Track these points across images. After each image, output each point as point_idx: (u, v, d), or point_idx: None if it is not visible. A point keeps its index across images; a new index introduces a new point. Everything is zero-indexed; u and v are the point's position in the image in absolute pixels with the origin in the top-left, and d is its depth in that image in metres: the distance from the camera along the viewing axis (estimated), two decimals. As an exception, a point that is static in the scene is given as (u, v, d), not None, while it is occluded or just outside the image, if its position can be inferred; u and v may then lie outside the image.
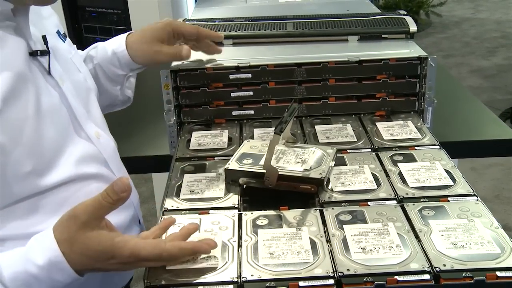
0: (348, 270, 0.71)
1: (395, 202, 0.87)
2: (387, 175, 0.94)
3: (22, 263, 0.71)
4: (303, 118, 1.18)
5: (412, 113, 1.18)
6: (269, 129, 1.14)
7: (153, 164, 1.35)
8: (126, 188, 0.71)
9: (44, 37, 0.88)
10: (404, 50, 1.19)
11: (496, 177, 3.13)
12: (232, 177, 0.94)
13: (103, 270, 0.75)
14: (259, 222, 0.84)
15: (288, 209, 0.86)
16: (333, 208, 0.86)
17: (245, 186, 0.93)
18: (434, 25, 6.14)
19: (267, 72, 1.15)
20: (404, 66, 1.15)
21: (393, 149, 1.04)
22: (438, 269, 0.71)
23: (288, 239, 0.78)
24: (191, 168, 1.00)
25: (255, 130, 1.14)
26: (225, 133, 1.13)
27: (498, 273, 0.70)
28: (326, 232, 0.80)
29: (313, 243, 0.77)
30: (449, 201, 0.86)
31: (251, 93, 1.17)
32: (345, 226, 0.81)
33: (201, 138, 1.12)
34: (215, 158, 1.04)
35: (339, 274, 0.71)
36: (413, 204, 0.86)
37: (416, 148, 1.03)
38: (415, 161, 0.98)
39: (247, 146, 1.01)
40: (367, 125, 1.14)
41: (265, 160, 0.89)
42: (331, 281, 0.70)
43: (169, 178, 0.97)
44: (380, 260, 0.73)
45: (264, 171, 0.90)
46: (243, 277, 0.72)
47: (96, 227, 0.72)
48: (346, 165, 0.98)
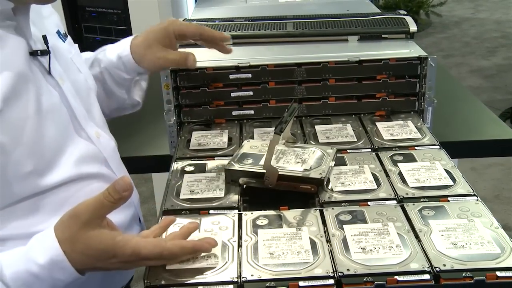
0: (348, 270, 0.71)
1: (395, 202, 0.87)
2: (387, 175, 0.94)
3: (23, 262, 0.72)
4: (303, 118, 1.18)
5: (412, 113, 1.18)
6: (269, 129, 1.14)
7: (153, 164, 1.34)
8: (127, 187, 0.71)
9: (45, 37, 0.88)
10: (404, 50, 1.19)
11: (496, 177, 3.13)
12: (232, 177, 0.94)
13: (104, 269, 0.75)
14: (259, 222, 0.84)
15: (288, 209, 0.86)
16: (333, 208, 0.86)
17: (245, 186, 0.93)
18: (434, 25, 6.14)
19: (267, 72, 1.15)
20: (404, 66, 1.16)
21: (393, 149, 1.04)
22: (438, 269, 0.71)
23: (288, 239, 0.78)
24: (191, 168, 1.00)
25: (255, 130, 1.14)
26: (225, 133, 1.13)
27: (498, 273, 0.70)
28: (326, 232, 0.80)
29: (313, 243, 0.77)
30: (449, 201, 0.86)
31: (251, 93, 1.17)
32: (345, 226, 0.81)
33: (201, 138, 1.12)
34: (215, 158, 1.04)
35: (339, 274, 0.71)
36: (413, 204, 0.86)
37: (416, 148, 1.03)
38: (415, 161, 0.98)
39: (247, 146, 1.01)
40: (367, 125, 1.14)
41: (265, 160, 0.89)
42: (331, 281, 0.70)
43: (169, 178, 0.97)
44: (380, 260, 0.73)
45: (264, 171, 0.90)
46: (243, 277, 0.72)
47: (98, 226, 0.72)
48: (346, 165, 0.98)
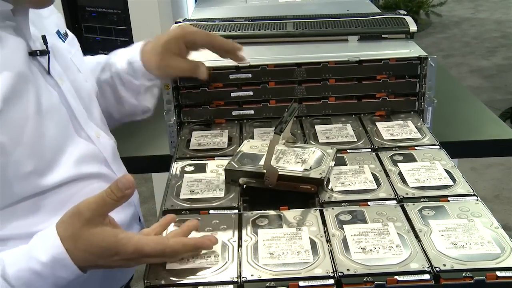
0: (348, 270, 0.71)
1: (395, 202, 0.87)
2: (387, 175, 0.94)
3: (26, 260, 0.72)
4: (303, 118, 1.18)
5: (412, 113, 1.18)
6: (269, 129, 1.14)
7: (153, 164, 1.34)
8: (130, 185, 0.72)
9: (44, 37, 0.88)
10: (404, 50, 1.19)
11: (496, 177, 3.13)
12: (232, 177, 0.94)
13: (106, 266, 0.75)
14: (259, 222, 0.84)
15: (288, 209, 0.86)
16: (333, 208, 0.86)
17: (245, 186, 0.93)
18: (434, 25, 6.14)
19: (267, 72, 1.15)
20: (404, 66, 1.15)
21: (393, 149, 1.04)
22: (438, 269, 0.71)
23: (288, 239, 0.78)
24: (191, 168, 1.00)
25: (255, 130, 1.14)
26: (225, 133, 1.13)
27: (498, 273, 0.70)
28: (326, 232, 0.80)
29: (313, 243, 0.77)
30: (449, 201, 0.86)
31: (251, 93, 1.16)
32: (345, 226, 0.81)
33: (201, 138, 1.12)
34: (215, 158, 1.04)
35: (339, 274, 0.71)
36: (413, 204, 0.86)
37: (416, 148, 1.03)
38: (415, 161, 0.98)
39: (247, 146, 1.01)
40: (367, 125, 1.14)
41: (265, 160, 0.89)
42: (331, 281, 0.70)
43: (169, 178, 0.97)
44: (380, 260, 0.73)
45: (264, 171, 0.90)
46: (243, 277, 0.72)
47: (100, 224, 0.72)
48: (346, 165, 0.98)
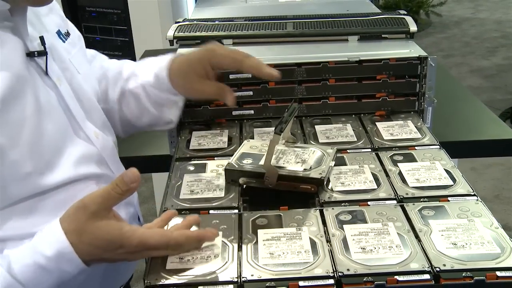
0: (348, 270, 0.71)
1: (395, 202, 0.87)
2: (387, 175, 0.94)
3: (31, 255, 0.72)
4: (303, 118, 1.18)
5: (412, 113, 1.18)
6: (269, 129, 1.14)
7: (153, 164, 1.34)
8: (136, 179, 0.73)
9: (42, 38, 0.88)
10: (404, 50, 1.19)
11: (496, 177, 3.13)
12: (232, 177, 0.94)
13: (110, 260, 0.76)
14: (259, 222, 0.84)
15: (288, 209, 0.86)
16: (333, 208, 0.86)
17: (245, 186, 0.93)
18: (434, 25, 6.14)
19: (267, 72, 1.14)
20: (404, 66, 1.15)
21: (393, 149, 1.04)
22: (438, 269, 0.71)
23: (288, 239, 0.78)
24: (191, 168, 1.00)
25: (255, 130, 1.14)
26: (225, 133, 1.13)
27: (498, 273, 0.70)
28: (326, 232, 0.80)
29: (313, 243, 0.77)
30: (449, 201, 0.86)
31: (251, 93, 1.16)
32: (345, 226, 0.81)
33: (201, 138, 1.12)
34: (215, 158, 1.04)
35: (339, 274, 0.71)
36: (413, 204, 0.86)
37: (416, 148, 1.03)
38: (415, 161, 0.98)
39: (247, 146, 1.01)
40: (367, 125, 1.14)
41: (265, 160, 0.89)
42: (331, 281, 0.70)
43: (169, 178, 0.97)
44: (380, 260, 0.73)
45: (264, 171, 0.90)
46: (243, 277, 0.72)
47: (105, 218, 0.73)
48: (346, 165, 0.98)
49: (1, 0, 0.80)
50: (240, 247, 0.78)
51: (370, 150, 1.04)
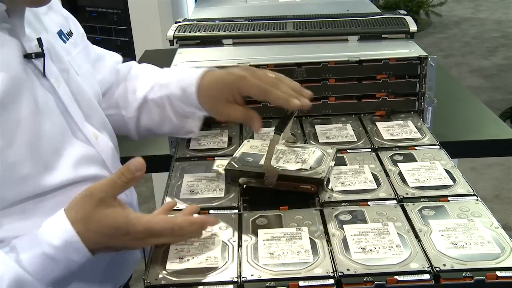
0: (348, 270, 0.71)
1: (395, 202, 0.87)
2: (387, 175, 0.94)
3: (38, 245, 0.73)
4: (303, 118, 1.18)
5: (412, 113, 1.18)
6: (269, 129, 1.13)
7: (153, 164, 1.33)
8: (141, 168, 0.75)
9: (39, 39, 0.87)
10: (404, 50, 1.19)
11: (496, 177, 3.13)
12: (232, 177, 0.94)
13: (115, 248, 0.77)
14: (259, 222, 0.84)
15: (288, 209, 0.86)
16: (333, 208, 0.86)
17: (245, 186, 0.93)
18: (434, 25, 6.14)
19: (267, 72, 1.14)
20: (404, 66, 1.16)
21: (393, 149, 1.04)
22: (438, 269, 0.71)
23: (288, 239, 0.78)
24: (191, 168, 1.00)
25: (255, 130, 1.14)
26: (225, 133, 1.13)
27: (498, 273, 0.70)
28: (326, 232, 0.80)
29: (313, 243, 0.77)
30: (449, 201, 0.86)
31: (251, 93, 1.16)
32: (345, 226, 0.81)
33: (201, 138, 1.12)
34: (215, 158, 1.04)
35: (339, 274, 0.71)
36: (413, 204, 0.86)
37: (416, 148, 1.03)
38: (415, 161, 0.98)
39: (247, 146, 1.01)
40: (367, 125, 1.14)
41: (265, 160, 0.89)
42: (331, 281, 0.70)
43: (169, 178, 0.97)
44: (380, 260, 0.73)
45: (264, 171, 0.90)
46: (243, 277, 0.72)
47: (111, 205, 0.74)
48: (346, 165, 0.98)
49: None
50: (240, 247, 0.78)
51: (370, 150, 1.04)
